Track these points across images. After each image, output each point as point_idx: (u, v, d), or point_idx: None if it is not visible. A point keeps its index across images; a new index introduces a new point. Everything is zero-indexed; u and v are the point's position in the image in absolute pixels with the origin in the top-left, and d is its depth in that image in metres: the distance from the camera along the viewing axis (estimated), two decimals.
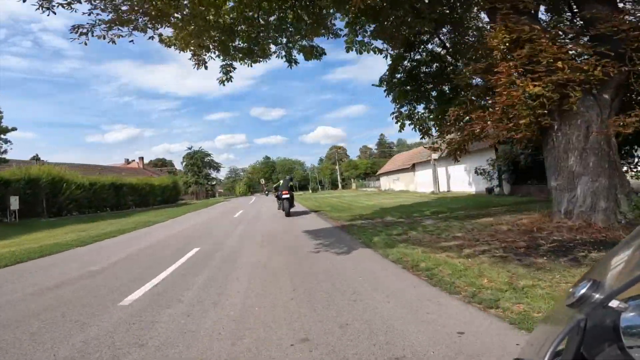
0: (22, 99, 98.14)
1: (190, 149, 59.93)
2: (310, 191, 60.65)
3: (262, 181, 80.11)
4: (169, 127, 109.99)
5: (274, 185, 16.52)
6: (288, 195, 12.90)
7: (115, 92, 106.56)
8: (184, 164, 59.80)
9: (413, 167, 27.43)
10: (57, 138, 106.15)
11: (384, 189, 36.57)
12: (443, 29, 9.70)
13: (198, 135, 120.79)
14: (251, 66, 9.63)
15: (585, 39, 6.28)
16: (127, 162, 58.14)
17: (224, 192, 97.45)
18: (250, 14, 7.79)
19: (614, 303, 0.54)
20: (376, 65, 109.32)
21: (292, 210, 13.23)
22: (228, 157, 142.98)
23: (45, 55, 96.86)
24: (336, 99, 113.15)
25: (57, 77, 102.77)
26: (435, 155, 20.92)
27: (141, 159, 56.64)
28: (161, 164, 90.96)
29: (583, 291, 0.56)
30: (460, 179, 20.48)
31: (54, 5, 5.55)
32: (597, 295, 0.56)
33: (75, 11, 5.54)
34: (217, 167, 62.03)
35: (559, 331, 0.57)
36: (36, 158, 64.45)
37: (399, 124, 10.10)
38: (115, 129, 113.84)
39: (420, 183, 26.23)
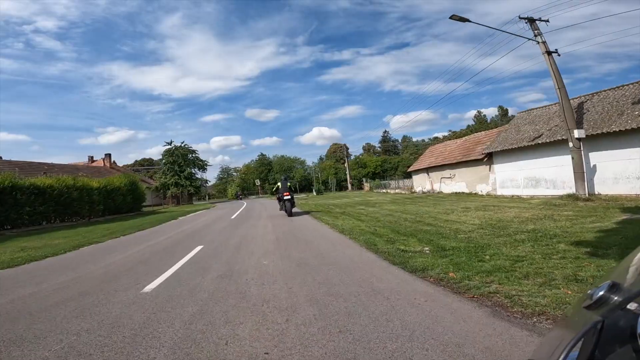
0: (14, 101, 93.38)
1: (169, 143, 49.92)
2: (315, 193, 50.68)
3: (258, 182, 70.65)
4: (163, 129, 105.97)
5: (273, 189, 14.90)
6: (289, 197, 12.33)
7: (108, 94, 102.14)
8: (163, 161, 49.72)
9: (489, 158, 17.71)
10: (50, 141, 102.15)
11: (418, 190, 26.91)
12: None
13: (193, 137, 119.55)
14: None
15: None
16: (91, 160, 47.90)
17: (216, 194, 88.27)
18: None
19: (632, 305, 0.51)
20: (372, 66, 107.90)
21: (294, 210, 13.00)
22: (223, 159, 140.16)
23: (38, 57, 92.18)
24: (332, 100, 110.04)
25: (49, 79, 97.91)
26: (579, 133, 11.23)
27: (107, 156, 46.40)
28: (147, 163, 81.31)
29: (601, 293, 0.54)
30: (630, 172, 10.82)
31: None
32: (615, 298, 0.53)
33: None
34: (202, 165, 51.90)
35: (575, 333, 0.54)
36: None
37: None
38: (108, 131, 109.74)
39: (506, 182, 16.52)
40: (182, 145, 50.24)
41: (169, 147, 49.47)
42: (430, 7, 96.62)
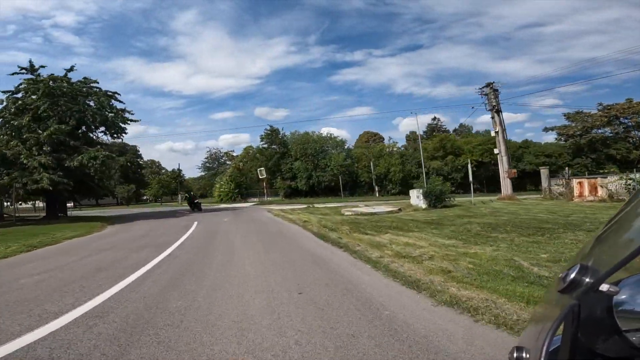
0: None
1: (30, 71, 18.82)
2: (424, 201, 18.00)
3: (262, 172, 39.69)
4: (173, 125, 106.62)
5: (187, 198, 27.18)
6: (197, 201, 23.41)
7: (122, 90, 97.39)
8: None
9: None
10: None
11: None
12: None
13: (202, 134, 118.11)
14: None
15: None
16: None
17: (196, 194, 57.37)
18: None
19: (604, 287, 0.52)
20: (383, 67, 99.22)
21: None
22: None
23: (56, 51, 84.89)
24: (341, 101, 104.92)
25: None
26: None
27: None
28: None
29: (573, 276, 0.54)
30: None
31: None
32: (587, 280, 0.53)
33: None
34: (118, 125, 20.97)
35: (554, 317, 0.55)
36: None
37: None
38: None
39: None
40: (74, 79, 19.42)
41: (30, 76, 19.00)
42: (444, 9, 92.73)
